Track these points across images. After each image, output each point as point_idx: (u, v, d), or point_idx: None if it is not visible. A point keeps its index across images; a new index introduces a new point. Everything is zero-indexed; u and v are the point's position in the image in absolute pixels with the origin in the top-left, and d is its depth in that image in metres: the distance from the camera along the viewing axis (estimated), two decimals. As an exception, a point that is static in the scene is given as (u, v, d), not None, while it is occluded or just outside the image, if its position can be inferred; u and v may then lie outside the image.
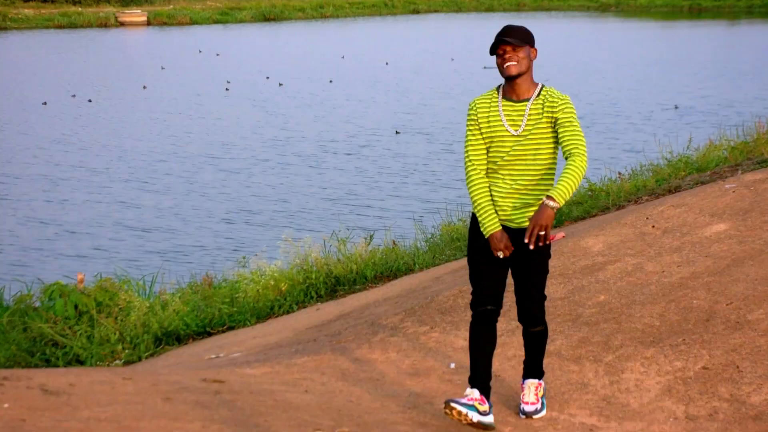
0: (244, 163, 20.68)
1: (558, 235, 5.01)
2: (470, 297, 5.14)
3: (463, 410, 4.88)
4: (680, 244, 7.80)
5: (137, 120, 26.80)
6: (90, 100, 30.32)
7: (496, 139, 4.93)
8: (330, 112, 27.54)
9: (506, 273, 5.09)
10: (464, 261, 9.27)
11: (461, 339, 6.45)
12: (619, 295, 6.91)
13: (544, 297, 5.12)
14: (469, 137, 5.04)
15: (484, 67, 36.02)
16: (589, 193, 11.36)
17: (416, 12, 74.28)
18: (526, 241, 4.65)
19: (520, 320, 5.17)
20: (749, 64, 35.59)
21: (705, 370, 5.66)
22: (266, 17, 67.79)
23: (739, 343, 5.90)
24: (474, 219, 5.10)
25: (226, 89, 32.76)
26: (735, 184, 9.22)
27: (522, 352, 5.82)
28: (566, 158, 4.82)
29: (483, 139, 4.99)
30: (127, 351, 8.24)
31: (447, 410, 4.91)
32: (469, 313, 6.80)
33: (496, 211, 4.97)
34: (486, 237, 4.94)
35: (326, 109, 28.16)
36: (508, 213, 4.96)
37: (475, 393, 5.00)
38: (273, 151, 21.93)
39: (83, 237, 15.15)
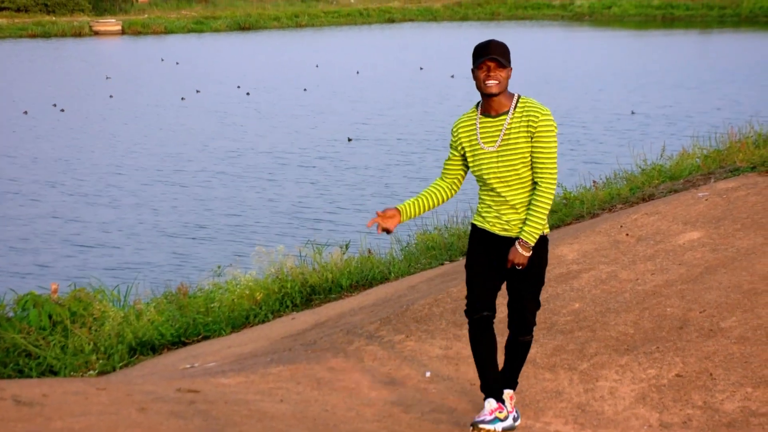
0: (195, 176, 20.15)
1: None
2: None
3: (491, 427, 5.07)
4: (654, 252, 7.86)
5: (96, 131, 26.32)
6: (63, 110, 30.12)
7: (477, 157, 4.99)
8: (292, 121, 27.24)
9: (500, 283, 5.13)
10: (439, 269, 9.31)
11: (437, 347, 6.46)
12: (593, 303, 6.94)
13: (538, 305, 5.14)
14: (447, 159, 5.22)
15: (452, 76, 36.07)
16: (564, 201, 11.39)
17: (391, 21, 74.37)
18: (508, 266, 4.91)
19: (510, 327, 5.17)
20: (713, 73, 35.85)
21: (679, 378, 5.69)
22: (241, 26, 67.65)
23: (712, 350, 5.94)
24: (476, 230, 5.15)
25: (182, 99, 32.33)
26: (708, 193, 9.29)
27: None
28: (535, 184, 4.94)
29: (460, 158, 5.12)
30: (101, 361, 8.17)
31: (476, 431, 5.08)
32: (444, 322, 6.85)
33: (484, 217, 5.08)
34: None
35: (288, 118, 27.84)
36: (506, 225, 5.01)
37: (492, 403, 5.13)
38: (225, 162, 21.47)
39: (25, 253, 14.67)
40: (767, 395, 5.38)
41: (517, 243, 4.88)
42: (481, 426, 5.03)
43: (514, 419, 5.26)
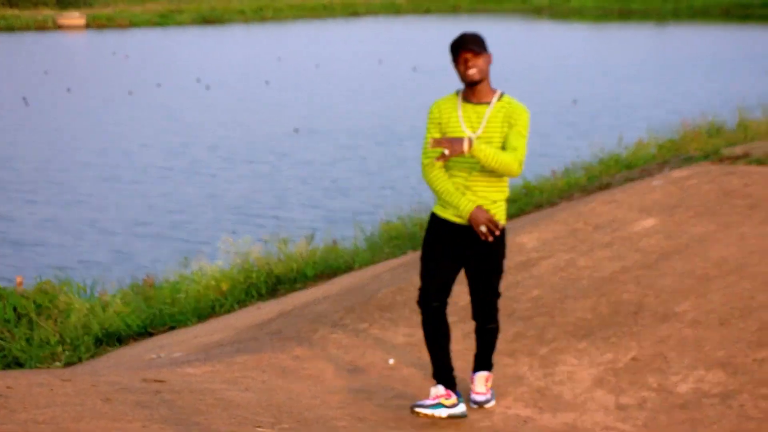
0: (140, 172, 19.80)
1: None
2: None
3: (429, 411, 5.10)
4: (611, 239, 7.98)
5: (44, 126, 25.90)
6: (27, 104, 29.71)
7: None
8: (245, 115, 26.95)
9: (456, 273, 5.18)
10: (403, 259, 9.38)
11: (400, 335, 6.53)
12: (552, 289, 7.05)
13: (499, 295, 5.24)
14: (428, 137, 5.11)
15: (414, 69, 35.97)
16: (524, 190, 11.54)
17: (355, 14, 74.17)
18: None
19: (474, 318, 5.28)
20: (660, 66, 36.10)
21: (634, 361, 5.81)
22: (206, 20, 67.07)
23: (666, 334, 6.07)
24: (435, 219, 5.18)
25: (130, 93, 31.85)
26: (662, 181, 9.44)
27: (464, 346, 5.94)
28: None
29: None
30: (67, 353, 8.16)
31: (414, 415, 5.13)
32: (407, 311, 6.91)
33: (444, 206, 5.09)
34: (467, 217, 4.99)
35: (243, 112, 27.56)
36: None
37: (439, 389, 5.20)
38: (170, 158, 21.12)
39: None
40: (719, 377, 5.51)
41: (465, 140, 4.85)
42: (418, 410, 5.09)
43: (488, 401, 5.41)
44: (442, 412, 5.10)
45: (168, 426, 4.35)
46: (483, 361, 5.45)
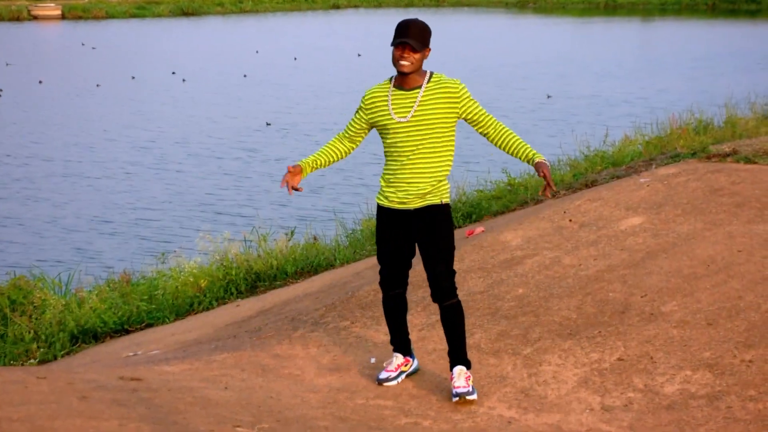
0: (101, 167, 19.43)
1: (477, 229, 5.11)
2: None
3: (395, 383, 5.67)
4: (596, 237, 7.94)
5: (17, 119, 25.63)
6: (0, 96, 29.39)
7: (387, 128, 5.32)
8: (216, 108, 26.74)
9: (410, 256, 5.50)
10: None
11: (382, 334, 6.46)
12: (537, 288, 7.00)
13: (453, 271, 5.38)
14: (352, 120, 5.51)
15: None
16: (508, 187, 11.48)
17: (336, 7, 74.17)
18: (551, 192, 5.31)
19: (433, 298, 5.44)
20: (643, 62, 36.21)
21: (620, 362, 5.77)
22: (184, 12, 66.91)
23: (653, 334, 6.02)
24: (379, 209, 5.49)
25: (97, 86, 31.53)
26: (649, 179, 9.41)
27: (443, 346, 5.87)
28: (496, 132, 5.37)
29: (365, 123, 5.43)
30: (42, 350, 8.08)
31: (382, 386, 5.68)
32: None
33: (383, 193, 5.42)
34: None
35: (216, 105, 27.35)
36: (404, 197, 5.33)
37: (398, 358, 5.71)
38: (136, 153, 20.80)
39: None
40: (706, 378, 5.47)
41: (537, 165, 5.25)
42: (387, 385, 5.64)
43: (469, 393, 5.38)
44: (402, 377, 5.71)
45: (145, 425, 4.31)
46: (457, 352, 5.47)
